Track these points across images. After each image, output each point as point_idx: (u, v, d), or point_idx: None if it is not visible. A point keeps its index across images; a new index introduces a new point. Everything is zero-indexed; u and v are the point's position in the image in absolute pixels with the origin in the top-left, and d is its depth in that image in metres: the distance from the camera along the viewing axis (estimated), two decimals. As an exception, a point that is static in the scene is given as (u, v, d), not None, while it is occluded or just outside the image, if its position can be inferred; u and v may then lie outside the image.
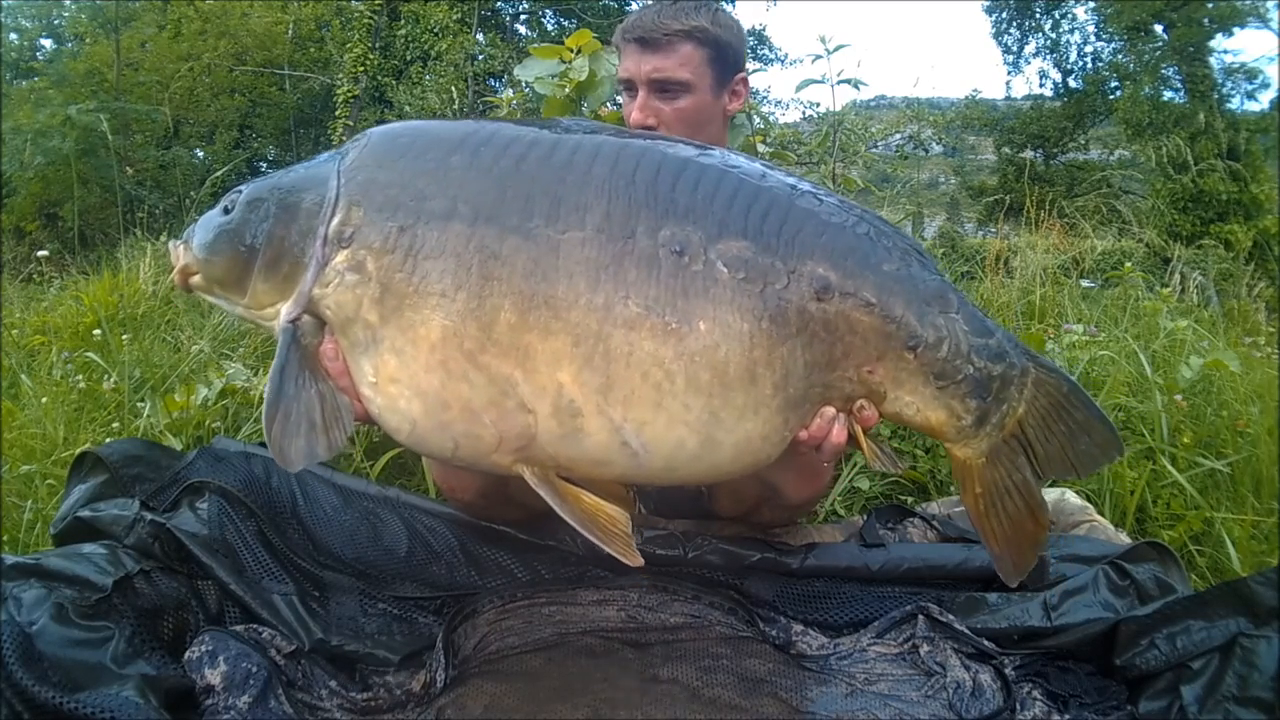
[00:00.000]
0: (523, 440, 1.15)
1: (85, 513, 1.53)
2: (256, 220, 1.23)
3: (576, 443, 1.14)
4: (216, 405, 2.41)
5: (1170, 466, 2.24)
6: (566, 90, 2.47)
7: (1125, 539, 1.82)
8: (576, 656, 1.49)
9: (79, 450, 1.83)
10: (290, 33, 15.74)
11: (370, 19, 13.76)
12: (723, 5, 1.85)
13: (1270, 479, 2.17)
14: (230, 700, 1.29)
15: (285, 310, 1.20)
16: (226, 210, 1.26)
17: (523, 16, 17.25)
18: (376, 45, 13.95)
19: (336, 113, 13.43)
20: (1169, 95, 16.36)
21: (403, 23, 14.64)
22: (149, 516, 1.50)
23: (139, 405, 2.54)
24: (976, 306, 1.30)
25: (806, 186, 1.25)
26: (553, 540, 1.65)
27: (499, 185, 1.16)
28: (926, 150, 15.43)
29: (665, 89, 1.73)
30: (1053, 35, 19.49)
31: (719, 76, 1.77)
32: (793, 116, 14.98)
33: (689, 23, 1.70)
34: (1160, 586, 1.50)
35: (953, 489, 2.26)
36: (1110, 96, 17.86)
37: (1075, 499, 1.94)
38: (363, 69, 13.44)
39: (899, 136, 14.56)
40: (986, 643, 1.52)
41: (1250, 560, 1.98)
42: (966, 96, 20.54)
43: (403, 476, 2.34)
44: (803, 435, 1.23)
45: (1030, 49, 19.97)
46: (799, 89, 3.33)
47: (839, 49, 3.26)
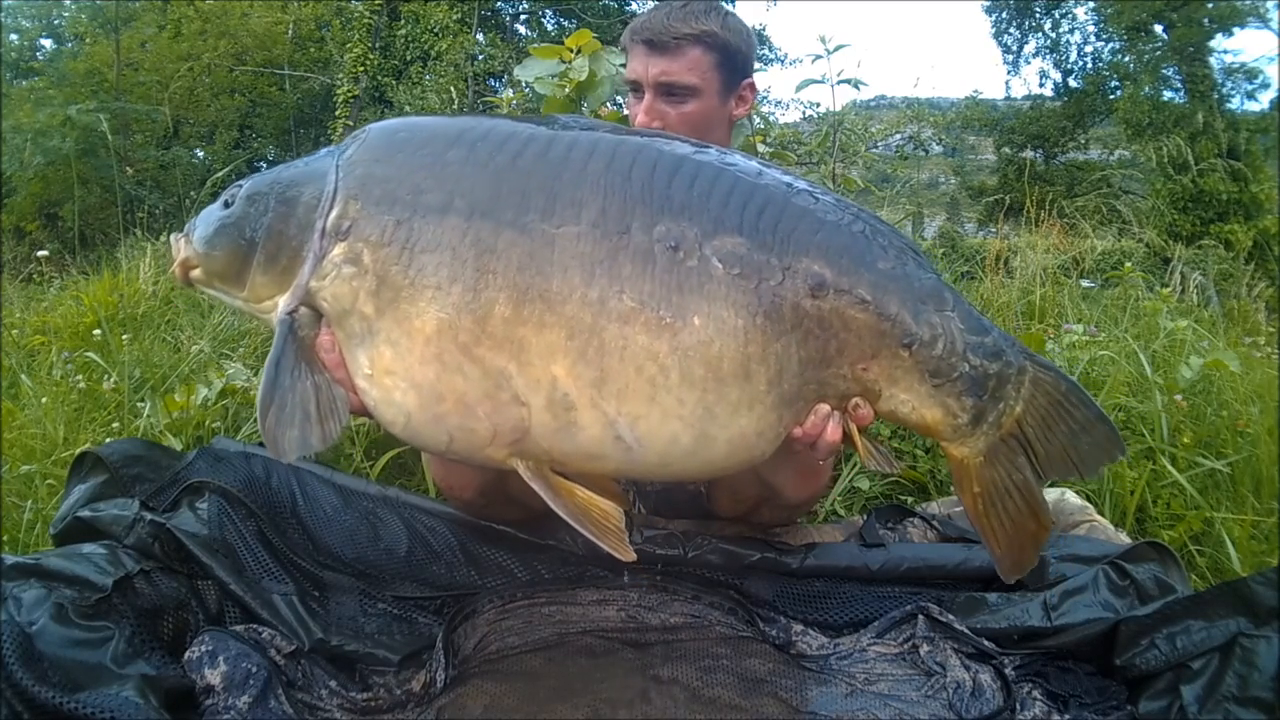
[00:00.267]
0: (517, 433, 1.15)
1: (85, 513, 1.53)
2: (256, 214, 1.24)
3: (570, 436, 1.15)
4: (216, 405, 2.41)
5: (1170, 466, 2.24)
6: (566, 90, 2.47)
7: (1125, 539, 1.82)
8: (576, 656, 1.49)
9: (79, 450, 1.83)
10: (290, 33, 15.74)
11: (370, 19, 13.76)
12: (732, 9, 1.85)
13: (1270, 479, 2.17)
14: (230, 700, 1.29)
15: (283, 302, 1.21)
16: (227, 204, 1.28)
17: (523, 16, 17.25)
18: (376, 45, 13.96)
19: (336, 113, 13.44)
20: (1169, 95, 16.37)
21: (403, 23, 14.64)
22: (149, 516, 1.50)
23: (139, 405, 2.54)
24: (974, 306, 1.30)
25: (802, 184, 1.25)
26: (553, 540, 1.65)
27: (495, 180, 1.17)
28: (926, 150, 15.43)
29: (672, 92, 1.72)
30: (1053, 35, 19.51)
31: (726, 81, 1.76)
32: (793, 116, 14.99)
33: (699, 27, 1.69)
34: (1160, 586, 1.50)
35: (953, 489, 2.26)
36: (1110, 96, 17.86)
37: (1075, 499, 1.94)
38: (363, 69, 13.44)
39: (899, 136, 14.56)
40: (986, 643, 1.52)
41: (1250, 560, 1.98)
42: (966, 96, 20.57)
43: (403, 476, 2.34)
44: (797, 432, 1.23)
45: (1030, 49, 20.01)
46: (799, 89, 3.33)
47: (839, 49, 3.27)
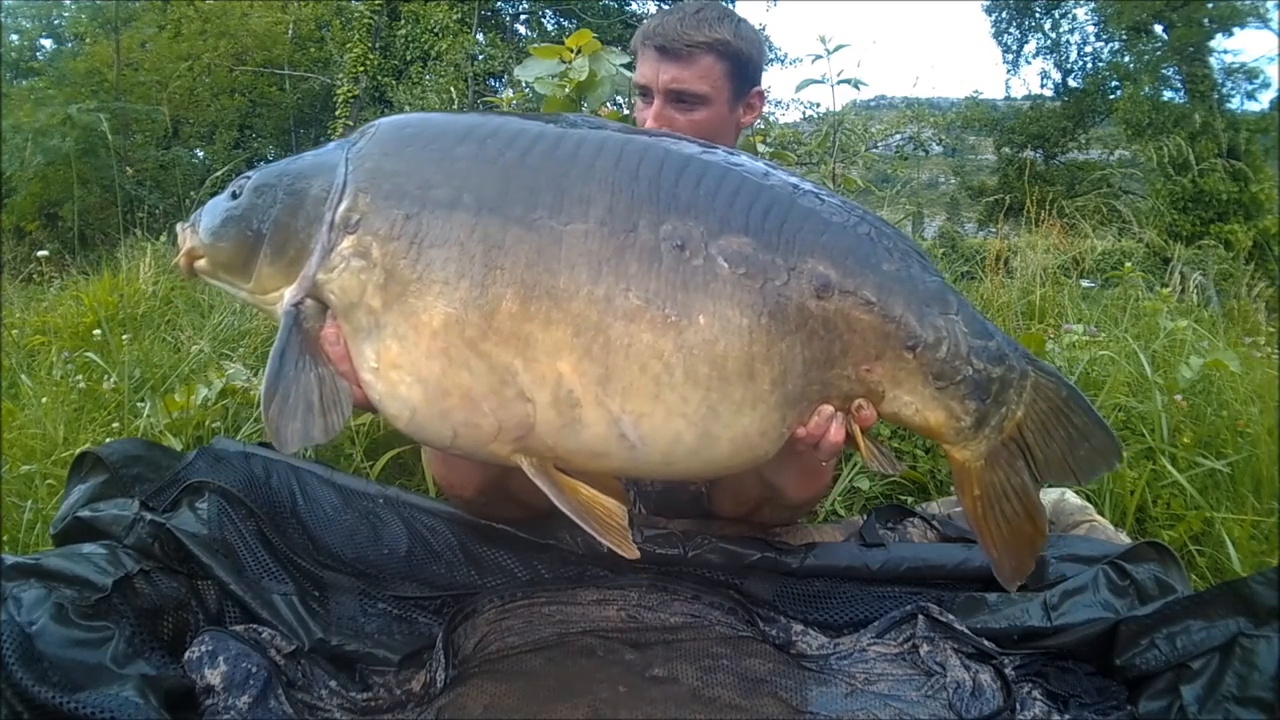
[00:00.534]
0: (521, 430, 1.15)
1: (85, 513, 1.53)
2: (264, 205, 1.24)
3: (574, 433, 1.15)
4: (216, 405, 2.41)
5: (1170, 466, 2.24)
6: (566, 90, 2.46)
7: (1125, 539, 1.82)
8: (576, 656, 1.49)
9: (79, 450, 1.83)
10: (290, 33, 15.74)
11: (370, 19, 13.76)
12: (743, 16, 1.85)
13: (1270, 479, 2.17)
14: (230, 700, 1.29)
15: (289, 294, 1.21)
16: (234, 195, 1.27)
17: (523, 16, 17.25)
18: (376, 45, 13.96)
19: (336, 113, 13.44)
20: (1169, 95, 16.37)
21: (403, 23, 14.64)
22: (149, 516, 1.50)
23: (139, 405, 2.54)
24: (976, 309, 1.30)
25: (808, 186, 1.26)
26: (553, 540, 1.65)
27: (504, 176, 1.17)
28: (926, 150, 15.44)
29: (682, 99, 1.72)
30: (1053, 35, 19.50)
31: (737, 90, 1.76)
32: (793, 116, 15.01)
33: (712, 35, 1.69)
34: (1160, 586, 1.50)
35: (952, 489, 2.26)
36: (1110, 96, 17.85)
37: (1075, 499, 1.93)
38: (363, 69, 13.44)
39: (899, 136, 14.57)
40: (986, 643, 1.52)
41: (1250, 560, 1.98)
42: (966, 96, 20.56)
43: (402, 476, 2.34)
44: (800, 433, 1.23)
45: (1030, 49, 20.00)
46: (799, 89, 3.33)
47: (839, 49, 3.26)
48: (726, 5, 1.80)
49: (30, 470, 2.22)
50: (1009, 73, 22.18)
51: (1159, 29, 16.61)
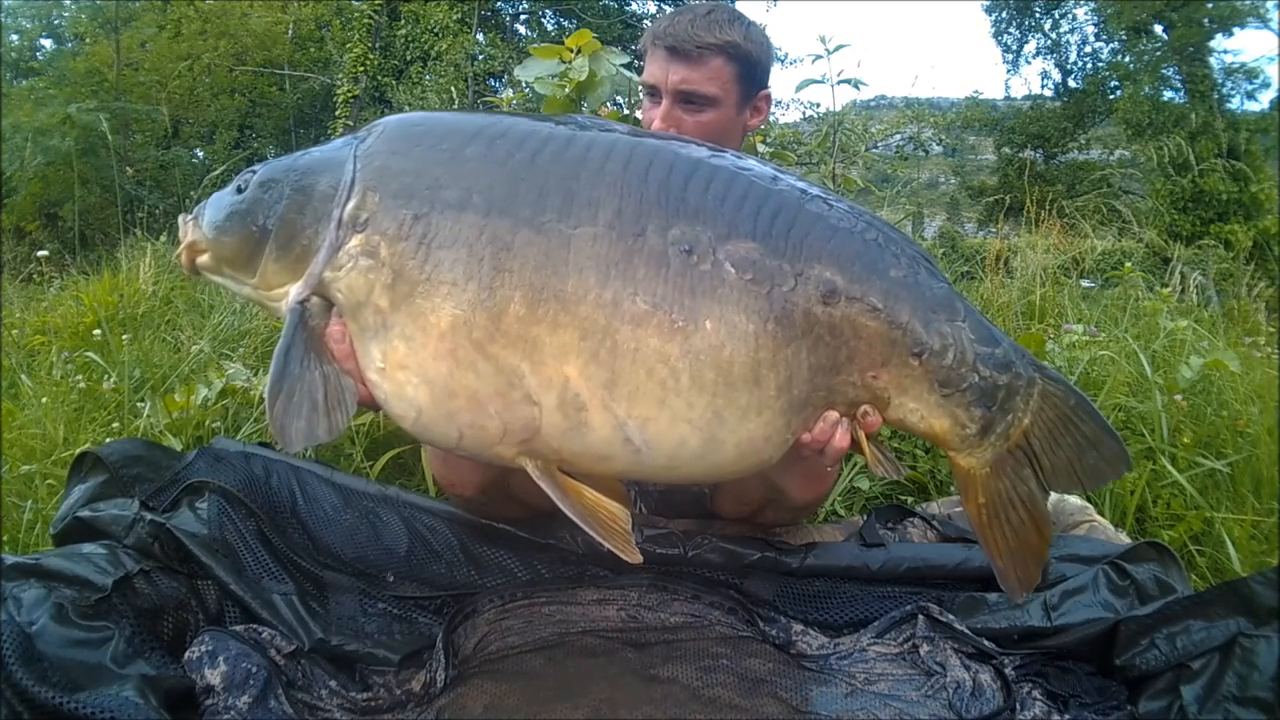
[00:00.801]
0: (527, 432, 1.15)
1: (85, 513, 1.53)
2: (270, 201, 1.23)
3: (580, 437, 1.15)
4: (216, 405, 2.41)
5: (1170, 466, 2.24)
6: (566, 90, 2.46)
7: (1125, 539, 1.82)
8: (576, 656, 1.49)
9: (79, 450, 1.83)
10: (290, 33, 15.75)
11: (370, 19, 13.76)
12: (752, 19, 1.85)
13: (1270, 479, 2.17)
14: (230, 700, 1.29)
15: (294, 291, 1.20)
16: (239, 190, 1.27)
17: (523, 16, 17.26)
18: (376, 45, 13.96)
19: (336, 113, 13.44)
20: (1169, 95, 16.38)
21: (403, 23, 14.65)
22: (149, 516, 1.50)
23: (139, 405, 2.54)
24: (982, 314, 1.29)
25: (816, 191, 1.25)
26: (553, 539, 1.65)
27: (513, 178, 1.17)
28: (926, 150, 15.44)
29: (690, 100, 1.72)
30: (1052, 35, 19.51)
31: (745, 92, 1.76)
32: (793, 116, 15.00)
33: (723, 37, 1.69)
34: (1160, 586, 1.50)
35: (953, 489, 2.26)
36: (1110, 96, 17.86)
37: (1075, 499, 1.93)
38: (363, 69, 13.44)
39: (899, 137, 14.57)
40: (986, 643, 1.52)
41: (1250, 560, 1.98)
42: (966, 96, 20.57)
43: (402, 476, 2.34)
44: (805, 438, 1.23)
45: (1030, 49, 20.01)
46: (799, 89, 3.33)
47: (839, 49, 3.27)
48: (735, 8, 1.79)
49: (30, 470, 2.23)
50: (1009, 73, 22.19)
51: (1159, 29, 16.62)
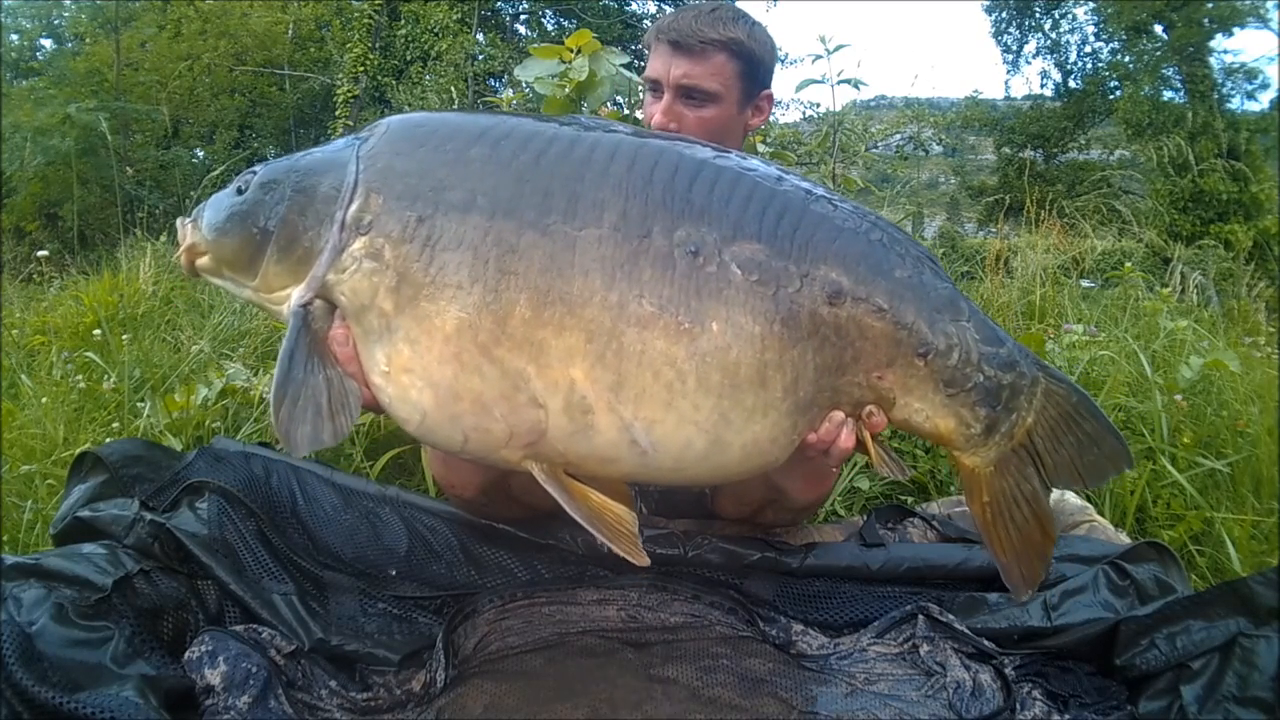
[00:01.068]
0: (533, 435, 1.15)
1: (85, 513, 1.53)
2: (271, 202, 1.22)
3: (586, 439, 1.14)
4: (216, 405, 2.41)
5: (1170, 466, 2.24)
6: (566, 90, 2.46)
7: (1125, 539, 1.82)
8: (576, 656, 1.49)
9: (79, 450, 1.83)
10: (290, 33, 15.75)
11: (370, 19, 13.76)
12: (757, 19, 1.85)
13: (1270, 479, 2.17)
14: (230, 700, 1.29)
15: (297, 294, 1.19)
16: (239, 191, 1.26)
17: (523, 16, 17.26)
18: (376, 45, 13.96)
19: (336, 113, 13.44)
20: (1169, 95, 16.38)
21: (403, 23, 14.65)
22: (149, 516, 1.50)
23: (139, 405, 2.54)
24: (988, 315, 1.29)
25: (821, 191, 1.25)
26: (553, 540, 1.65)
27: (518, 179, 1.16)
28: (926, 150, 15.44)
29: (692, 95, 1.72)
30: (1052, 35, 19.51)
31: (746, 90, 1.77)
32: (793, 116, 14.98)
33: (726, 34, 1.69)
34: (1160, 586, 1.50)
35: (953, 489, 2.27)
36: (1110, 97, 17.86)
37: (1075, 499, 1.94)
38: (363, 69, 13.44)
39: (899, 136, 14.57)
40: (986, 643, 1.52)
41: (1250, 560, 1.98)
42: (966, 96, 20.57)
43: (402, 476, 2.34)
44: (811, 439, 1.22)
45: (1030, 49, 20.01)
46: (799, 89, 3.33)
47: (839, 49, 3.27)
48: (739, 7, 1.80)
49: (30, 470, 2.23)
50: (1009, 73, 22.24)
51: (1159, 29, 16.62)
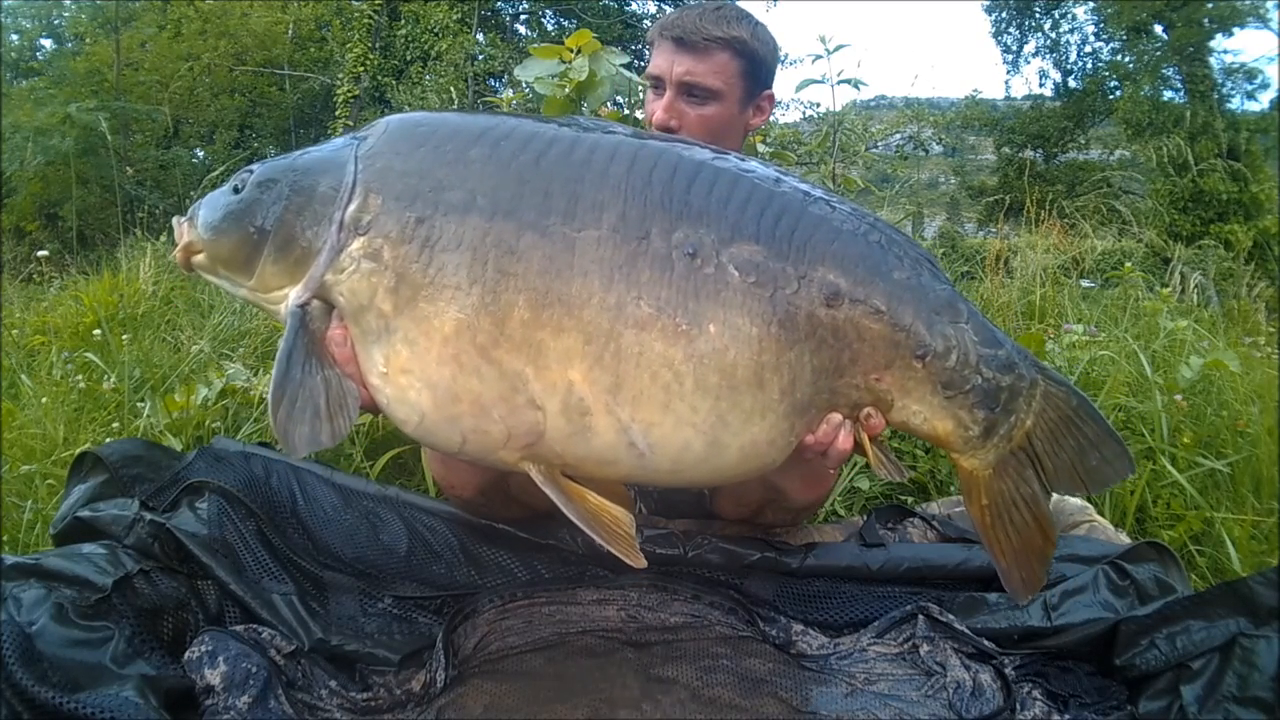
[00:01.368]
0: (531, 437, 1.15)
1: (85, 513, 1.53)
2: (269, 201, 1.21)
3: (584, 441, 1.14)
4: (216, 405, 2.41)
5: (1170, 466, 2.24)
6: (566, 90, 2.46)
7: (1125, 539, 1.82)
8: (576, 656, 1.49)
9: (79, 450, 1.83)
10: (290, 33, 15.75)
11: (370, 19, 13.76)
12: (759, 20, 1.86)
13: (1270, 479, 2.17)
14: (230, 700, 1.29)
15: (294, 294, 1.19)
16: (236, 190, 1.25)
17: (523, 16, 17.25)
18: (376, 45, 13.96)
19: (336, 113, 13.44)
20: (1169, 95, 16.38)
21: (403, 23, 14.65)
22: (149, 516, 1.50)
23: (139, 405, 2.54)
24: (986, 317, 1.29)
25: (819, 193, 1.25)
26: (553, 540, 1.65)
27: (517, 180, 1.16)
28: (926, 150, 15.44)
29: (694, 93, 1.72)
30: (1052, 35, 19.50)
31: (748, 90, 1.77)
32: (793, 116, 14.96)
33: (730, 32, 1.69)
34: (1160, 586, 1.50)
35: (953, 489, 2.26)
36: (1110, 96, 17.86)
37: (1075, 499, 1.93)
38: (363, 69, 13.44)
39: (899, 136, 14.57)
40: (986, 643, 1.52)
41: (1250, 560, 1.98)
42: (966, 96, 20.55)
43: (402, 476, 2.34)
44: (809, 440, 1.22)
45: (1030, 49, 20.00)
46: (799, 89, 3.33)
47: (839, 49, 3.27)
48: (742, 7, 1.80)
49: (30, 470, 2.22)
50: (1009, 73, 22.18)
51: (1159, 29, 16.62)
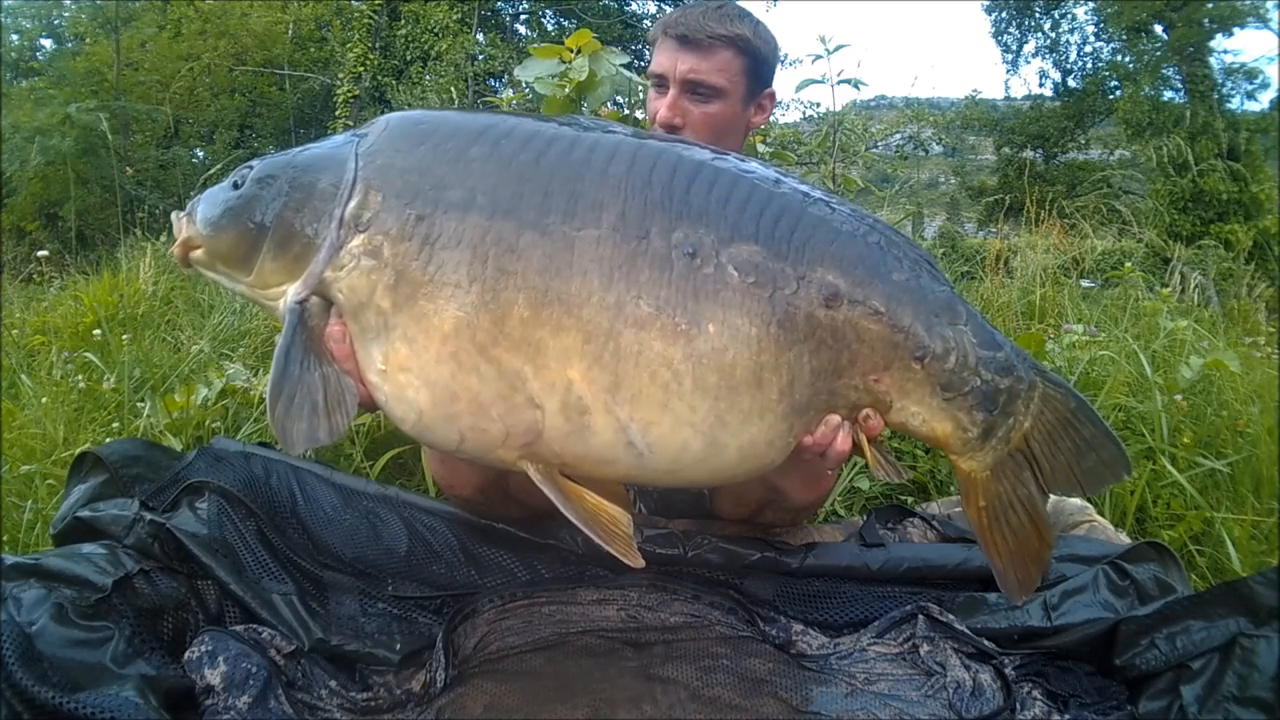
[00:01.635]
0: (529, 436, 1.15)
1: (85, 513, 1.53)
2: (268, 198, 1.21)
3: (583, 440, 1.14)
4: (216, 405, 2.41)
5: (1170, 466, 2.24)
6: (566, 90, 2.46)
7: (1125, 539, 1.82)
8: (576, 656, 1.49)
9: (79, 450, 1.83)
10: (290, 33, 15.75)
11: (370, 19, 13.76)
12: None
13: (1270, 479, 2.17)
14: (230, 700, 1.29)
15: (293, 291, 1.19)
16: (236, 185, 1.25)
17: (523, 16, 17.25)
18: (376, 45, 13.96)
19: (336, 113, 13.44)
20: (1169, 95, 16.38)
21: (403, 23, 14.65)
22: (149, 516, 1.50)
23: (139, 405, 2.54)
24: (985, 318, 1.29)
25: (819, 194, 1.25)
26: (553, 539, 1.65)
27: (518, 179, 1.16)
28: (926, 150, 15.45)
29: (698, 91, 1.72)
30: (1052, 35, 19.50)
31: (751, 88, 1.77)
32: (793, 116, 14.96)
33: (733, 30, 1.70)
34: (1160, 586, 1.50)
35: (953, 489, 2.26)
36: (1110, 96, 17.85)
37: (1075, 499, 1.93)
38: (363, 69, 13.44)
39: (899, 136, 14.58)
40: (986, 643, 1.52)
41: (1250, 560, 1.98)
42: (966, 96, 20.56)
43: (402, 476, 2.34)
44: (807, 441, 1.22)
45: (1030, 49, 20.01)
46: (799, 89, 3.33)
47: (839, 49, 3.27)
48: (743, 6, 1.80)
49: (30, 470, 2.22)
50: (1009, 73, 22.19)
51: (1159, 29, 16.62)
